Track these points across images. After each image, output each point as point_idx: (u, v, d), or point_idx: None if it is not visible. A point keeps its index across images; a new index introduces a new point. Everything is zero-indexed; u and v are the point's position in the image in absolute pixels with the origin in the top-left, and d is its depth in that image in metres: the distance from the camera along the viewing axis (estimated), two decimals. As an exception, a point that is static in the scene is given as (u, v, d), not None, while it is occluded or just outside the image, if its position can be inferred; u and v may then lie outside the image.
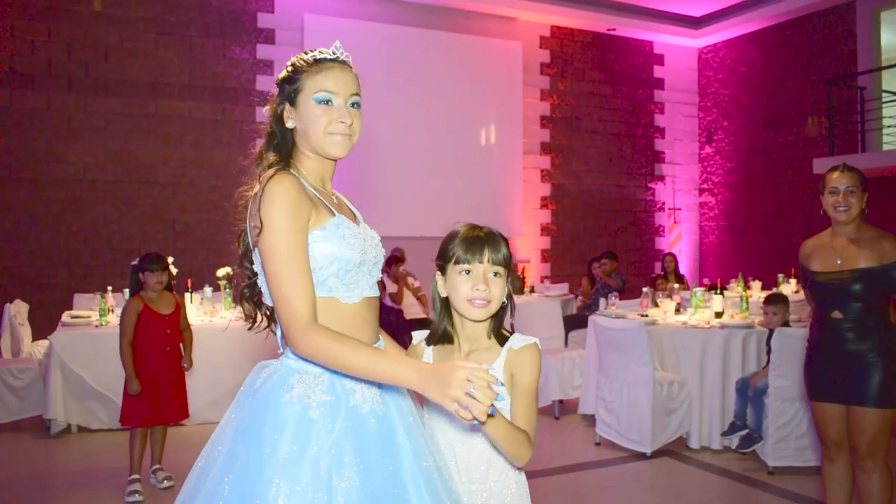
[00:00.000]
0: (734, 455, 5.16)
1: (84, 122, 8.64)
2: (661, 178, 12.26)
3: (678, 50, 12.39)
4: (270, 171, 1.79)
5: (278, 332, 1.82)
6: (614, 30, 11.61)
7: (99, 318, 6.07)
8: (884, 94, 10.04)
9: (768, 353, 4.85)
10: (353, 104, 1.84)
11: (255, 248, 1.78)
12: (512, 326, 1.92)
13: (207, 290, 6.76)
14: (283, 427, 1.64)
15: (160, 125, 8.99)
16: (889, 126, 9.82)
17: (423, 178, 10.14)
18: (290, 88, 1.84)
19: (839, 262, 3.30)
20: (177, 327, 4.64)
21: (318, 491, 1.58)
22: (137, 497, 4.31)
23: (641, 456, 5.16)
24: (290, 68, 1.86)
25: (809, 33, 10.81)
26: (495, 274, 1.83)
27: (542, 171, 11.27)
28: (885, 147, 9.98)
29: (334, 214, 1.80)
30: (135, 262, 4.61)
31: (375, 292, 1.89)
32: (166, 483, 4.51)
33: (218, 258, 8.89)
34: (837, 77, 10.11)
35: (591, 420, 5.82)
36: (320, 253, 1.74)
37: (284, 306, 1.67)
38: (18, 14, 8.33)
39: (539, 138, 11.25)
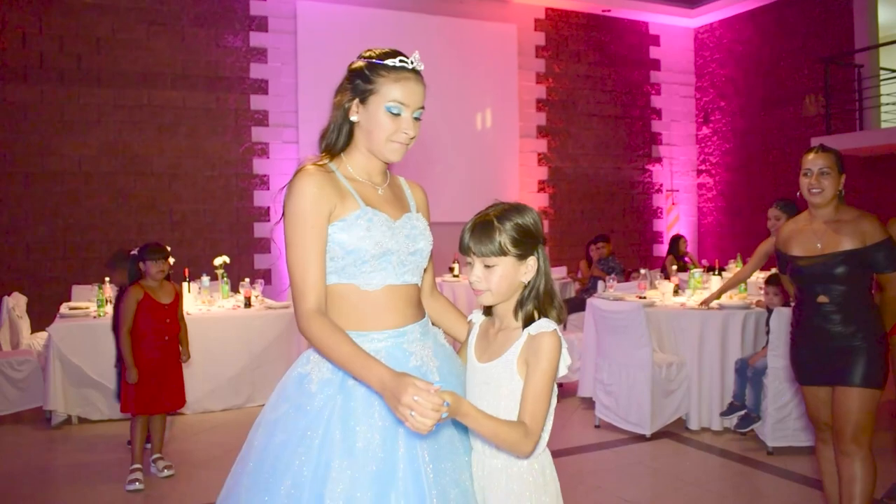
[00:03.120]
0: (733, 436, 5.17)
1: (77, 115, 8.60)
2: (659, 160, 12.23)
3: (674, 30, 12.32)
4: (302, 164, 1.94)
5: None
6: (609, 11, 11.54)
7: (97, 308, 6.09)
8: (881, 72, 9.98)
9: (767, 333, 4.85)
10: (417, 116, 1.94)
11: None
12: (543, 309, 1.88)
13: (205, 279, 6.76)
14: (288, 394, 1.91)
15: (154, 116, 8.96)
16: (886, 104, 9.79)
17: (420, 163, 10.09)
18: (364, 87, 1.92)
19: (819, 245, 3.22)
20: (176, 317, 4.64)
21: (301, 445, 1.79)
22: (138, 486, 4.32)
23: (641, 438, 5.18)
24: (367, 67, 1.93)
25: (806, 11, 10.74)
26: (487, 266, 1.85)
27: (539, 154, 11.24)
28: (884, 125, 9.94)
29: (360, 207, 1.90)
30: (135, 252, 4.59)
31: (407, 280, 1.98)
32: (167, 472, 4.52)
33: (214, 247, 8.89)
34: (834, 55, 10.04)
35: (590, 403, 5.82)
36: (338, 243, 1.88)
37: (294, 293, 1.86)
38: (9, 7, 8.28)
39: (535, 121, 11.21)
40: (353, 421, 1.80)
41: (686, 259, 9.53)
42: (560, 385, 6.29)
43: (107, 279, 6.56)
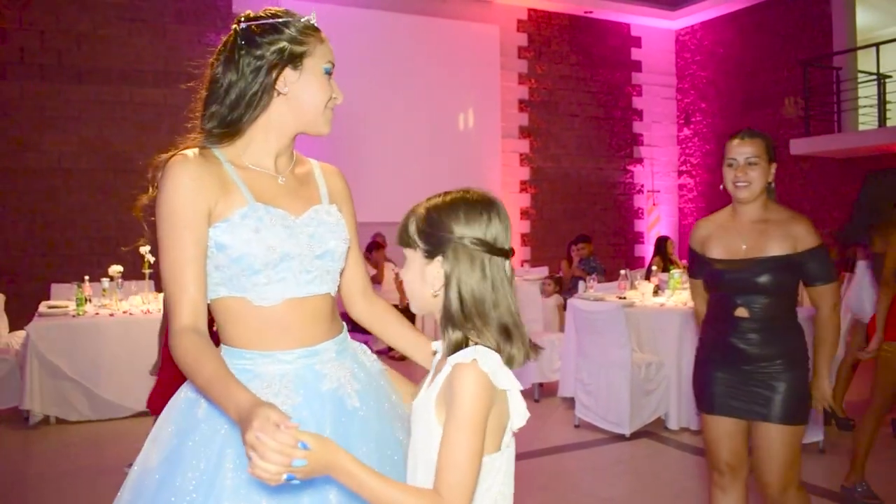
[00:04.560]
0: (711, 434, 5.21)
1: (58, 111, 8.53)
2: (640, 161, 12.30)
3: (655, 32, 12.40)
4: (176, 148, 1.64)
5: None
6: (591, 12, 11.59)
7: (76, 307, 6.02)
8: (859, 75, 10.10)
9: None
10: None
11: None
12: (469, 335, 1.36)
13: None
14: (172, 424, 1.56)
15: (135, 113, 8.90)
16: (864, 106, 9.90)
17: (402, 163, 10.11)
18: (296, 49, 1.56)
19: (744, 247, 2.74)
20: None
21: (194, 489, 1.45)
22: None
23: (620, 437, 5.21)
24: (292, 26, 1.57)
25: (785, 14, 10.85)
26: (405, 258, 1.46)
27: (521, 154, 11.28)
28: (861, 127, 10.06)
29: (247, 203, 1.56)
30: None
31: (314, 290, 1.62)
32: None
33: (196, 246, 8.83)
34: (813, 58, 10.16)
35: (570, 403, 5.86)
36: (221, 248, 1.54)
37: (167, 306, 1.53)
38: (-12, 1, 8.21)
39: (517, 122, 11.25)
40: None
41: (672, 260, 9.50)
42: (540, 385, 6.35)
43: (86, 277, 6.51)
